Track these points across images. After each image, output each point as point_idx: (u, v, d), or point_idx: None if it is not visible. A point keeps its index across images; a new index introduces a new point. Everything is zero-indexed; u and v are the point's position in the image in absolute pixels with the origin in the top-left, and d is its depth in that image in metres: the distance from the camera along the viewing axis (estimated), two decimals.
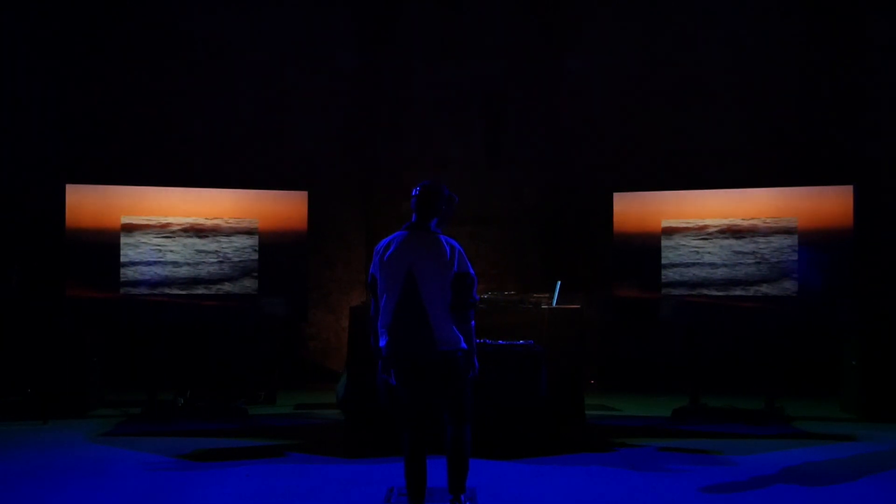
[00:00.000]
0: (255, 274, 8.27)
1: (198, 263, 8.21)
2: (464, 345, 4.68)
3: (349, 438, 7.29)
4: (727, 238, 8.16)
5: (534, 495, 5.46)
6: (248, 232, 8.30)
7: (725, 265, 8.15)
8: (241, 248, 8.29)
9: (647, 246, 8.35)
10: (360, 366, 7.21)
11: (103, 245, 8.06)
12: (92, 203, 8.08)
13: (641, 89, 10.43)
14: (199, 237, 8.24)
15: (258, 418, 8.12)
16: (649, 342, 9.97)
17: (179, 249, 8.20)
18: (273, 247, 8.30)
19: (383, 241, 4.85)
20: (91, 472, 5.97)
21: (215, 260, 8.24)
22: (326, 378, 10.08)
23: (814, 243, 7.92)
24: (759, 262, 8.06)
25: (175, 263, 8.18)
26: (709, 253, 8.20)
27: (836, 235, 7.85)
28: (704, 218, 8.25)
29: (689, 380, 8.37)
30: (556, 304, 7.65)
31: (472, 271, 4.75)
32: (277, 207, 8.37)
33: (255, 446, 6.84)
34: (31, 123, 10.14)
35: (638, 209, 8.44)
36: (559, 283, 7.81)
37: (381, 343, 4.71)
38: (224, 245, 8.27)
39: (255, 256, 8.28)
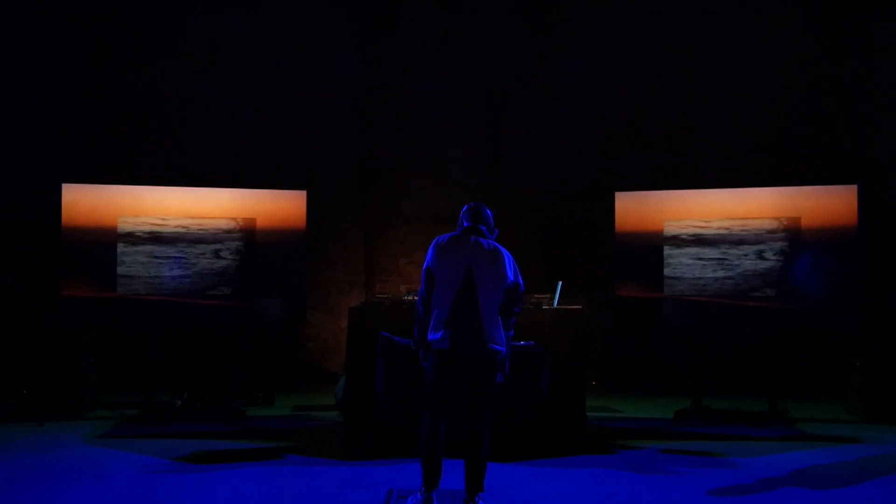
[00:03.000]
0: (253, 274, 8.20)
1: (194, 263, 8.15)
2: (504, 348, 4.98)
3: (348, 440, 7.23)
4: (728, 237, 8.11)
5: (534, 498, 5.41)
6: (246, 231, 8.23)
7: (727, 265, 8.09)
8: (238, 247, 8.22)
9: (649, 246, 8.30)
10: (360, 367, 7.16)
11: (99, 244, 8.01)
12: (88, 202, 8.02)
13: (643, 88, 10.39)
14: (196, 236, 8.17)
15: (256, 420, 8.07)
16: (651, 343, 9.92)
17: (175, 248, 8.13)
18: (271, 246, 8.24)
19: (443, 237, 5.09)
20: (87, 474, 5.92)
21: (212, 259, 8.17)
22: (325, 379, 10.03)
23: (818, 243, 7.87)
24: (761, 262, 8.01)
25: (172, 262, 8.11)
26: (710, 252, 8.15)
27: (840, 235, 7.80)
28: (706, 218, 8.20)
29: (692, 381, 8.35)
30: (558, 304, 7.59)
31: (522, 282, 5.09)
32: (276, 207, 8.31)
33: (254, 448, 6.79)
34: (28, 122, 10.09)
35: (640, 209, 8.39)
36: (560, 283, 7.75)
37: (436, 335, 4.91)
38: (221, 244, 8.20)
39: (253, 256, 8.21)
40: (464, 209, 5.24)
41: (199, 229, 8.18)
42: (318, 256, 10.05)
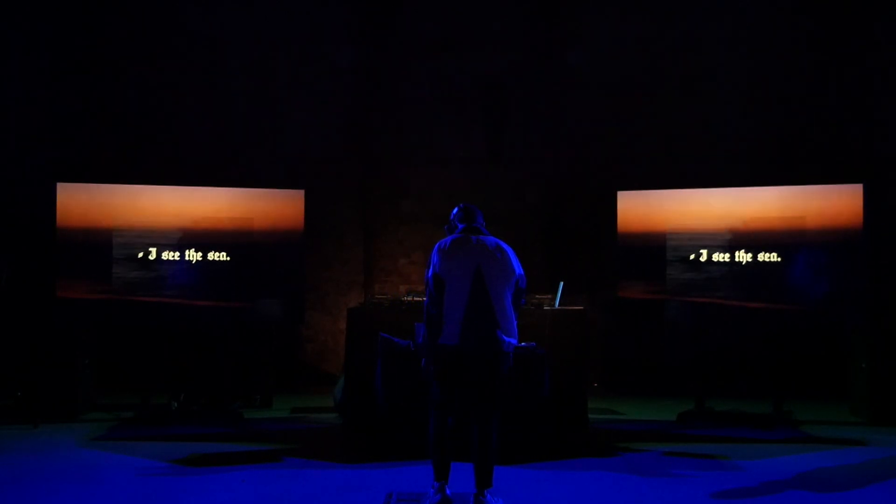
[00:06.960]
0: (250, 274, 8.13)
1: (190, 263, 8.07)
2: (516, 339, 5.18)
3: (347, 443, 7.18)
4: (731, 237, 8.05)
5: (536, 500, 5.37)
6: (243, 231, 8.15)
7: (730, 265, 8.03)
8: (235, 247, 8.14)
9: (651, 246, 8.24)
10: (358, 369, 7.09)
11: (95, 244, 7.94)
12: (83, 202, 7.95)
13: (646, 86, 10.31)
14: (192, 236, 8.09)
15: (254, 422, 8.01)
16: (654, 344, 9.85)
17: (171, 248, 8.06)
18: (269, 247, 8.17)
19: (445, 242, 5.24)
20: (82, 477, 5.87)
21: (208, 260, 8.09)
22: (323, 381, 9.97)
23: (822, 243, 7.80)
24: (764, 262, 7.94)
25: (168, 263, 8.04)
26: (713, 252, 8.09)
27: (845, 235, 7.74)
28: (709, 217, 8.13)
29: (695, 383, 8.29)
30: (559, 305, 7.52)
31: (524, 275, 5.32)
32: (273, 207, 8.22)
33: (251, 451, 6.74)
34: (22, 121, 10.03)
35: (642, 208, 8.32)
36: (562, 283, 7.68)
37: (452, 336, 5.01)
38: (218, 244, 8.12)
39: (250, 256, 8.14)
40: (455, 211, 5.41)
41: (196, 229, 8.10)
42: (316, 257, 9.97)
